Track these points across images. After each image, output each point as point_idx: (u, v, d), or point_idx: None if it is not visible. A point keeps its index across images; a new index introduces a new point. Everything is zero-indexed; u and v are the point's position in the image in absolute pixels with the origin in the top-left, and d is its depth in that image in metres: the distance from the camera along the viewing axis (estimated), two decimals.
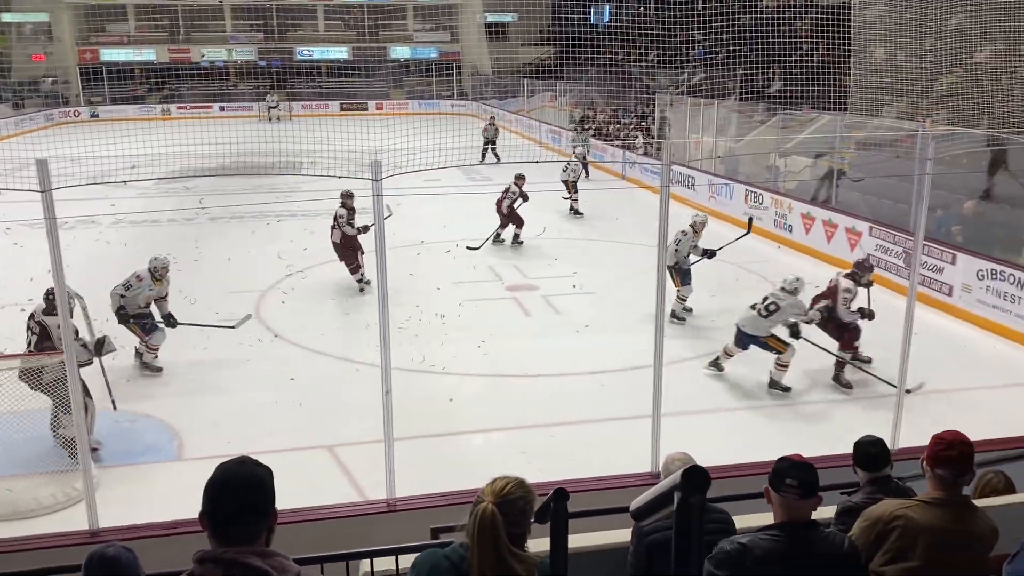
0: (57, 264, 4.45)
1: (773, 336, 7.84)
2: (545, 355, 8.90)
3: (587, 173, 21.22)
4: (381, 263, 4.81)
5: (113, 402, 7.19)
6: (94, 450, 6.20)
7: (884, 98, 14.95)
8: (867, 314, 8.11)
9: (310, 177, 16.26)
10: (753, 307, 7.91)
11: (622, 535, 3.50)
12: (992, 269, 9.72)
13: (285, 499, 2.18)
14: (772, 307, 7.81)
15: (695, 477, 1.43)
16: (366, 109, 39.81)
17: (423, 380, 8.08)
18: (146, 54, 41.69)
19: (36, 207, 4.35)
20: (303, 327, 9.72)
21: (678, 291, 9.81)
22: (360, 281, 11.02)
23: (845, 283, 8.10)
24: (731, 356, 8.15)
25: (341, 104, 40.32)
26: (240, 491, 1.95)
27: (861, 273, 8.31)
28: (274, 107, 36.71)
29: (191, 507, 3.77)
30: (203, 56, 42.05)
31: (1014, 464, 4.21)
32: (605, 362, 8.45)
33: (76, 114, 38.49)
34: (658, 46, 25.34)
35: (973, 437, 3.07)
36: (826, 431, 7.05)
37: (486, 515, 2.28)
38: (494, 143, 23.56)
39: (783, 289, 7.92)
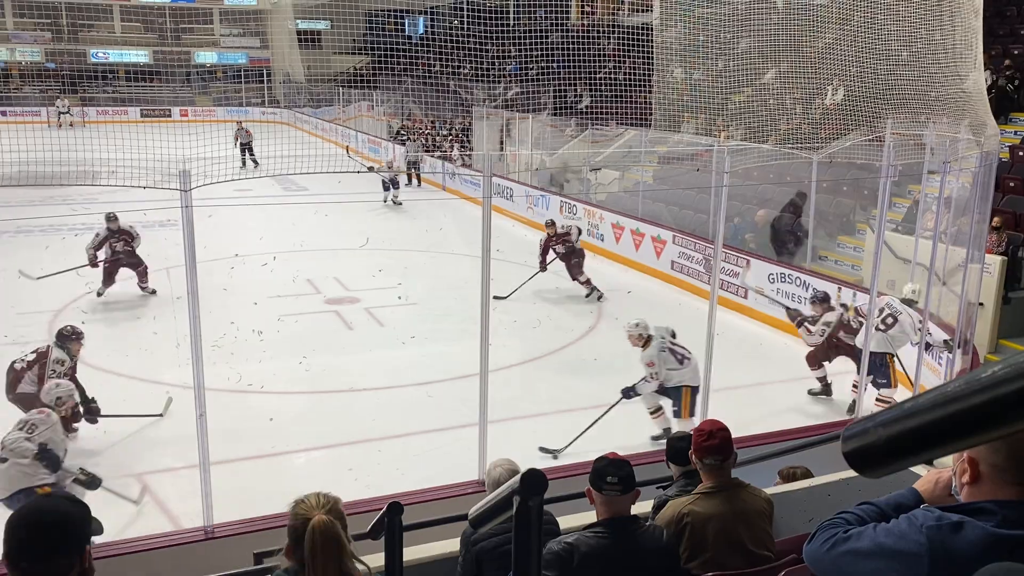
0: None
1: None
2: (369, 368, 8.80)
3: (419, 182, 21.28)
4: (191, 277, 4.58)
5: None
6: None
7: (683, 114, 15.96)
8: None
9: (109, 188, 15.17)
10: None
11: (452, 545, 3.52)
12: (781, 273, 10.64)
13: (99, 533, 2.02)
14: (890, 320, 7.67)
15: (533, 480, 1.47)
16: (170, 116, 37.70)
17: (241, 400, 7.74)
18: None
19: None
20: (105, 348, 9.03)
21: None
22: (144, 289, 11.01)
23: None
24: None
25: (142, 110, 37.93)
26: (45, 530, 1.78)
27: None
28: (65, 112, 33.98)
29: None
30: None
31: (811, 451, 4.62)
32: (430, 373, 8.46)
33: None
34: (472, 60, 25.75)
35: (771, 428, 3.35)
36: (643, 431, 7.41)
37: (324, 526, 2.22)
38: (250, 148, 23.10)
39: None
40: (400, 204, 18.79)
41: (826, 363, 8.24)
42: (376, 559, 2.45)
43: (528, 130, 19.74)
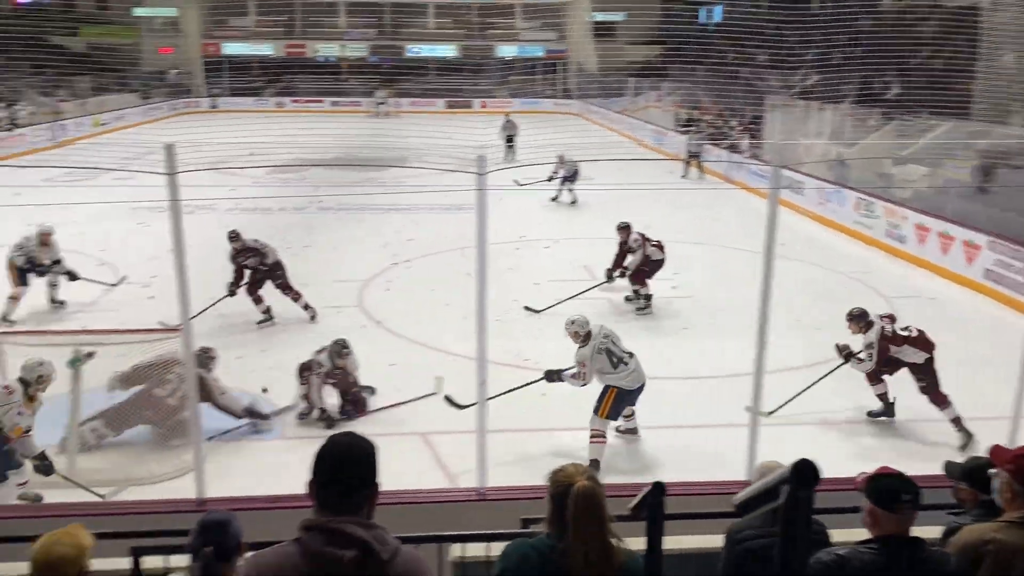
0: (179, 244, 4.69)
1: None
2: (640, 357, 8.82)
3: (701, 173, 20.94)
4: (481, 254, 4.87)
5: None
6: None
7: (1012, 105, 14.14)
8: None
9: (415, 171, 16.61)
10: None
11: (711, 540, 3.45)
12: None
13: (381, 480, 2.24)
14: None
15: (805, 471, 1.38)
16: (470, 107, 40.30)
17: (516, 375, 8.12)
18: (264, 48, 43.34)
19: (162, 190, 4.59)
20: (404, 316, 9.94)
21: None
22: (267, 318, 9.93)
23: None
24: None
25: (447, 101, 40.95)
26: (347, 463, 2.03)
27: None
28: (382, 103, 37.58)
29: (289, 483, 3.93)
30: (317, 51, 43.41)
31: None
32: (701, 367, 8.31)
33: (197, 104, 40.41)
34: (770, 47, 24.71)
35: None
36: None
37: (588, 490, 2.25)
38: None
39: None
40: (574, 203, 17.70)
41: (886, 377, 7.39)
42: (633, 543, 2.47)
43: (826, 120, 18.57)
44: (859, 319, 7.49)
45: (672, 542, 3.38)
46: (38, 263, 9.99)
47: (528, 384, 7.17)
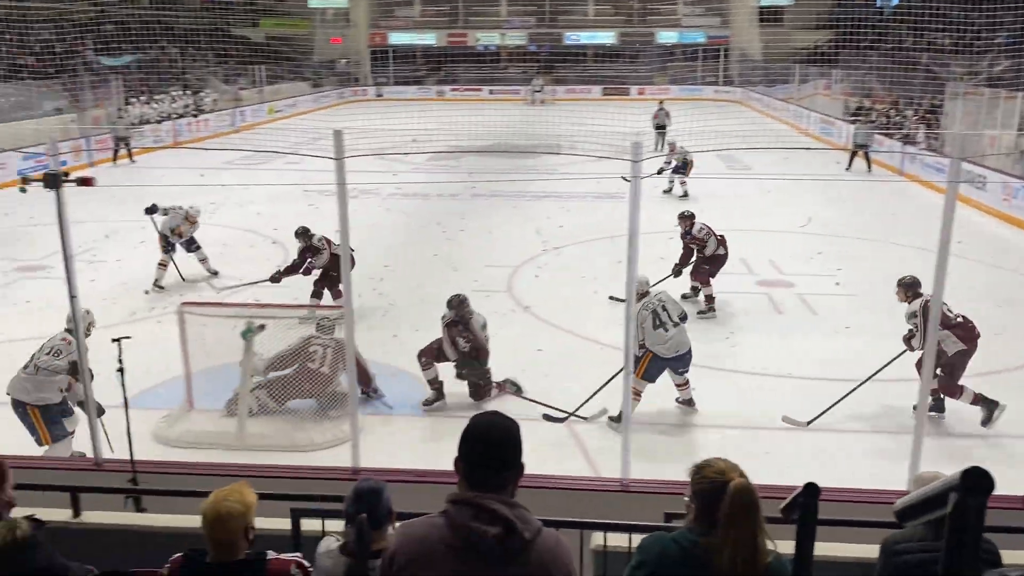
0: (344, 226, 4.93)
1: None
2: (796, 355, 8.49)
3: (869, 166, 19.83)
4: (633, 242, 4.83)
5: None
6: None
7: None
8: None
9: (568, 159, 16.66)
10: None
11: (864, 550, 3.29)
12: None
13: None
14: None
15: (977, 477, 1.26)
16: (627, 94, 39.90)
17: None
18: (428, 38, 44.64)
19: (330, 175, 4.84)
20: (552, 303, 10.02)
21: None
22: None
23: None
24: None
25: (604, 88, 40.73)
26: (495, 441, 2.08)
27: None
28: (539, 91, 37.86)
29: (436, 458, 4.05)
30: (478, 40, 44.25)
31: None
32: (861, 369, 7.89)
33: (364, 92, 42.20)
34: (954, 31, 22.98)
35: None
36: None
37: (746, 489, 2.19)
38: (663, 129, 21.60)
39: None
40: (685, 196, 16.61)
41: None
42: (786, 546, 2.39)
43: (1014, 110, 17.10)
44: (909, 287, 7.12)
45: (821, 548, 3.25)
46: (178, 234, 10.78)
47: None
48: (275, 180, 13.62)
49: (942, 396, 6.99)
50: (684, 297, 9.88)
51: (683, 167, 16.26)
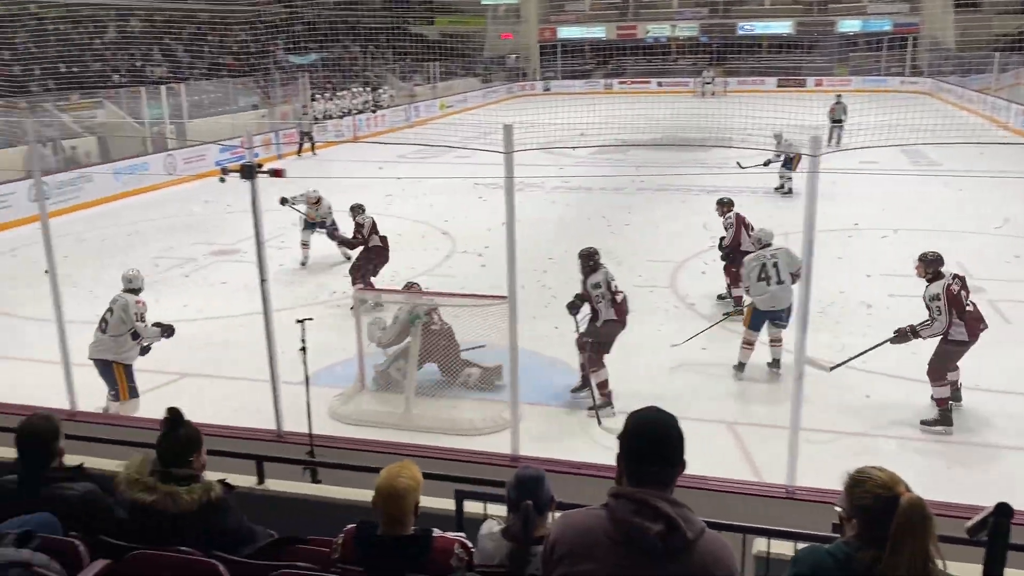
0: (511, 218, 5.03)
1: None
2: (985, 367, 7.84)
3: None
4: (808, 240, 4.63)
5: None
6: None
7: None
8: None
9: (739, 152, 16.14)
10: None
11: None
12: None
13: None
14: None
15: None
16: (804, 85, 38.17)
17: (839, 371, 7.64)
18: (597, 31, 44.57)
19: (498, 168, 4.94)
20: (716, 298, 9.77)
21: None
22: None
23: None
24: None
25: (778, 80, 39.17)
26: (658, 437, 2.07)
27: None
28: (709, 83, 36.94)
29: (594, 452, 4.04)
30: (648, 32, 43.71)
31: None
32: None
33: (532, 87, 42.74)
34: None
35: None
36: None
37: (918, 505, 2.06)
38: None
39: None
40: (788, 192, 15.44)
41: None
42: (960, 568, 2.22)
43: None
44: (932, 263, 6.68)
45: (1011, 574, 3.00)
46: (309, 219, 11.73)
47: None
48: (446, 173, 14.06)
49: (960, 385, 6.96)
50: (720, 298, 9.64)
51: (788, 162, 15.30)
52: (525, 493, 2.71)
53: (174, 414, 3.04)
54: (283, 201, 11.62)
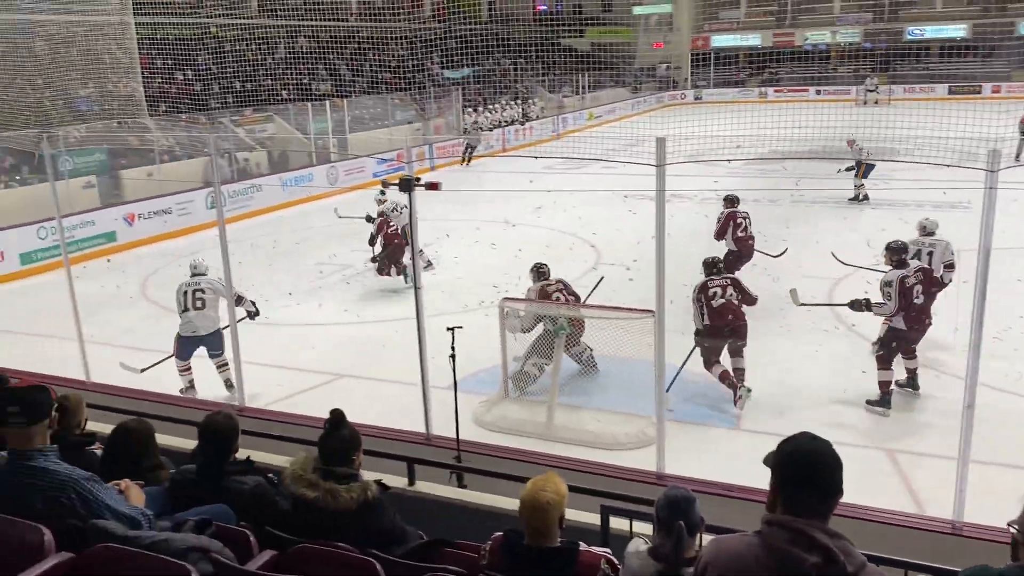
0: (660, 232, 4.98)
1: None
2: None
3: None
4: (984, 259, 4.33)
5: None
6: None
7: None
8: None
9: (906, 165, 15.26)
10: None
11: None
12: None
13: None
14: None
15: None
16: (979, 92, 35.63)
17: (1014, 403, 7.09)
18: (752, 39, 43.42)
19: (646, 179, 4.91)
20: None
21: None
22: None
23: None
24: None
25: (950, 87, 36.76)
26: (818, 465, 1.99)
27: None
28: (872, 91, 35.15)
29: (744, 475, 3.94)
30: (806, 39, 42.14)
31: None
32: None
33: (682, 96, 42.14)
34: None
35: None
36: None
37: None
38: None
39: None
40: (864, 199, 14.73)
41: None
42: None
43: None
44: (896, 251, 7.37)
45: None
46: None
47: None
48: (594, 184, 14.08)
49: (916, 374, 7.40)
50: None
51: (864, 169, 14.93)
52: (676, 514, 2.67)
53: (337, 415, 3.21)
54: (369, 219, 12.24)
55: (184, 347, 7.87)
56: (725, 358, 7.48)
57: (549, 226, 14.59)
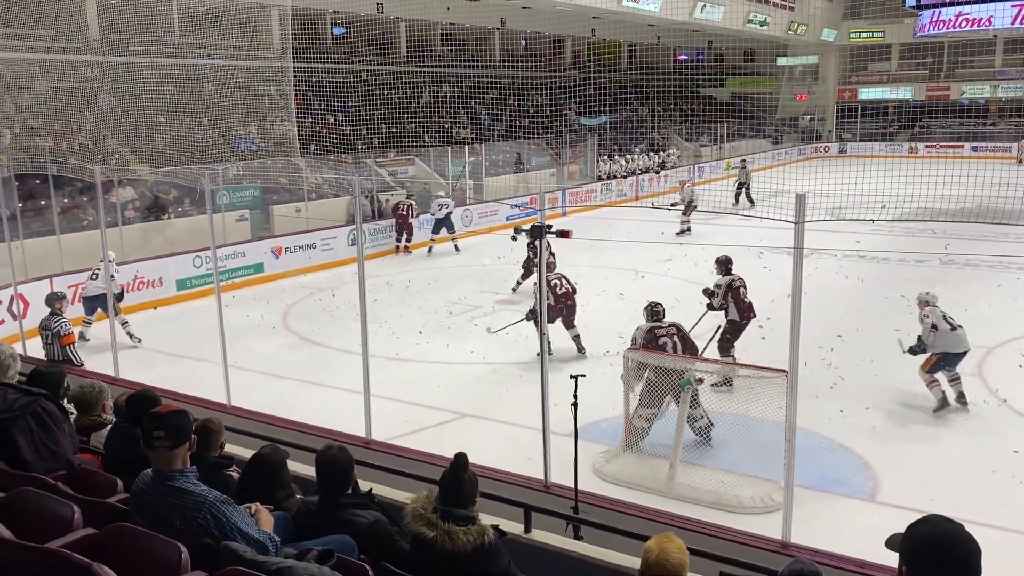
0: (797, 291, 4.82)
1: None
2: None
3: None
4: None
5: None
6: None
7: None
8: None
9: None
10: None
11: None
12: None
13: None
14: None
15: None
16: None
17: None
18: (903, 92, 41.72)
19: (784, 234, 4.77)
20: None
21: None
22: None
23: None
24: None
25: None
26: (953, 556, 1.86)
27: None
28: None
29: (880, 551, 3.74)
30: (963, 93, 40.12)
31: None
32: None
33: (826, 149, 40.84)
34: None
35: None
36: None
37: None
38: None
39: None
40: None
41: None
42: None
43: None
44: (723, 264, 9.40)
45: None
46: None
47: None
48: (729, 237, 13.80)
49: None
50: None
51: None
52: None
53: (462, 460, 3.26)
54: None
55: None
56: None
57: (679, 277, 14.38)
